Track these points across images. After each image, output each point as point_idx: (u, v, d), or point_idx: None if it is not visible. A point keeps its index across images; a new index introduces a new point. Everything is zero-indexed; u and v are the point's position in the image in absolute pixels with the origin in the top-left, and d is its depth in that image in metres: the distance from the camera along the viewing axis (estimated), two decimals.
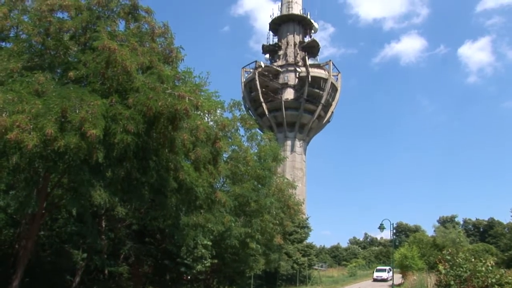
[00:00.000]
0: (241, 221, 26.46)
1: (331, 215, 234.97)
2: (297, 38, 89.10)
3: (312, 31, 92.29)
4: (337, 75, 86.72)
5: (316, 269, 69.94)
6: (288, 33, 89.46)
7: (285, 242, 45.15)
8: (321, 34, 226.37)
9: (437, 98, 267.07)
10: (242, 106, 30.65)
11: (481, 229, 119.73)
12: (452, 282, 21.33)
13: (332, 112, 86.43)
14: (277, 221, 30.98)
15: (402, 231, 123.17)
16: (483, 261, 21.90)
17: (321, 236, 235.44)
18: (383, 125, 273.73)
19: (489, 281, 20.35)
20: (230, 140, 26.72)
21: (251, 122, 29.17)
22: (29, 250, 16.96)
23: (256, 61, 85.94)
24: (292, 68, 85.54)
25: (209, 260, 27.46)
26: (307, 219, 59.64)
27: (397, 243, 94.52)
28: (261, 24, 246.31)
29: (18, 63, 14.27)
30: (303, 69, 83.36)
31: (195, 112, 14.97)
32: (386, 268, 65.53)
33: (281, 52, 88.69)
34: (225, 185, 26.61)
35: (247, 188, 25.18)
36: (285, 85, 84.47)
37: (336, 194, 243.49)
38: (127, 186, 16.31)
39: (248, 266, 32.22)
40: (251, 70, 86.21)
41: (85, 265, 24.95)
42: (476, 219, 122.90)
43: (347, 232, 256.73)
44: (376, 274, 65.49)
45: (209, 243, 26.53)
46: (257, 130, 31.30)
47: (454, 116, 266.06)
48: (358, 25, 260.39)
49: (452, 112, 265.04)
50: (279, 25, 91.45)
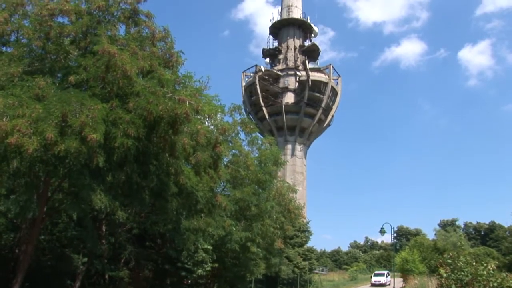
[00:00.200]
0: (242, 225, 26.42)
1: (332, 219, 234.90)
2: (297, 42, 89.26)
3: (312, 35, 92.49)
4: (337, 79, 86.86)
5: (317, 273, 69.95)
6: (288, 37, 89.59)
7: (286, 246, 45.14)
8: (321, 38, 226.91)
9: (437, 102, 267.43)
10: (243, 110, 30.68)
11: (482, 233, 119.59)
12: (454, 286, 21.23)
13: (333, 116, 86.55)
14: (278, 225, 30.95)
15: (403, 235, 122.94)
16: (485, 265, 21.81)
17: (322, 240, 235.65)
18: (384, 129, 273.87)
19: (491, 285, 20.24)
20: (231, 144, 26.70)
21: (252, 126, 29.16)
22: (29, 255, 16.92)
23: (256, 65, 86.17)
24: (292, 72, 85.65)
25: (210, 265, 27.40)
26: (308, 223, 59.70)
27: (398, 247, 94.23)
28: (261, 28, 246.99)
29: (19, 68, 14.27)
30: (303, 73, 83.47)
31: (196, 116, 14.96)
32: (385, 273, 64.83)
33: (281, 56, 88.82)
34: (226, 189, 26.59)
35: (248, 192, 25.12)
36: (286, 89, 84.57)
37: (337, 198, 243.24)
38: (128, 191, 16.29)
39: (249, 271, 32.15)
40: (251, 74, 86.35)
41: (86, 270, 24.88)
42: (477, 223, 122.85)
43: (348, 236, 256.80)
44: (374, 279, 63.35)
45: (210, 247, 26.48)
46: (258, 134, 31.32)
47: (455, 120, 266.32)
48: (358, 29, 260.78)
49: (453, 116, 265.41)
50: (279, 29, 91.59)
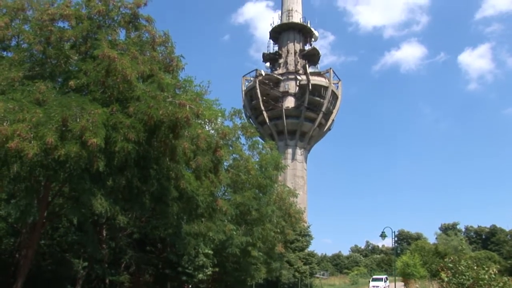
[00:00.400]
0: (242, 230, 26.40)
1: (333, 223, 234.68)
2: (298, 46, 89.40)
3: (312, 39, 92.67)
4: (338, 83, 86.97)
5: (318, 278, 69.81)
6: (289, 42, 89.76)
7: (287, 251, 45.12)
8: (321, 42, 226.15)
9: (438, 106, 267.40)
10: (243, 115, 30.69)
11: (483, 236, 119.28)
12: None
13: (333, 120, 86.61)
14: (279, 230, 30.96)
15: (404, 239, 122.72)
16: (486, 269, 21.82)
17: (323, 244, 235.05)
18: (384, 133, 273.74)
19: None
20: (231, 149, 26.69)
21: (252, 131, 29.15)
22: (30, 259, 16.90)
23: (257, 70, 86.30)
24: (293, 76, 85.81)
25: (210, 269, 27.38)
26: (309, 227, 59.68)
27: (399, 251, 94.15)
28: (261, 33, 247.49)
29: (19, 72, 14.28)
30: (304, 77, 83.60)
31: (196, 121, 14.96)
32: (383, 277, 64.17)
33: (282, 61, 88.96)
34: (226, 194, 26.57)
35: (248, 197, 25.11)
36: (286, 93, 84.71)
37: (337, 202, 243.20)
38: (128, 195, 16.28)
39: (250, 275, 32.12)
40: (252, 79, 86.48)
41: (86, 274, 24.88)
42: (478, 226, 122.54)
43: (349, 240, 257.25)
44: (372, 284, 60.62)
45: (210, 252, 26.46)
46: (258, 139, 31.33)
47: (455, 123, 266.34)
48: (358, 33, 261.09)
49: (453, 119, 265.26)
50: (280, 34, 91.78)
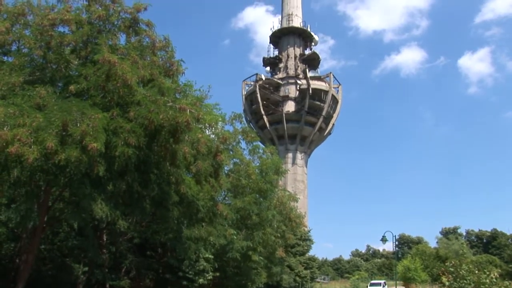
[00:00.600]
0: (243, 234, 26.37)
1: (333, 227, 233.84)
2: (298, 51, 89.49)
3: (313, 44, 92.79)
4: (338, 87, 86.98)
5: (319, 282, 69.64)
6: (289, 46, 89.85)
7: (287, 255, 44.98)
8: (321, 47, 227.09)
9: (438, 109, 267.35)
10: (243, 119, 30.76)
11: (484, 240, 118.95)
12: None
13: (333, 124, 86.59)
14: (279, 234, 30.90)
15: (405, 243, 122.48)
16: (487, 273, 21.76)
17: (323, 249, 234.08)
18: (384, 137, 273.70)
19: None
20: (232, 153, 26.73)
21: (253, 135, 29.18)
22: (30, 264, 16.87)
23: (257, 74, 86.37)
24: (293, 81, 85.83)
25: (211, 274, 27.31)
26: (309, 232, 59.55)
27: (400, 255, 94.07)
28: (262, 37, 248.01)
29: (20, 77, 14.30)
30: (304, 82, 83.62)
31: (196, 125, 14.96)
32: (381, 282, 63.70)
33: (282, 65, 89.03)
34: (227, 198, 26.56)
35: (249, 201, 25.11)
36: (286, 98, 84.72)
37: (338, 206, 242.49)
38: (129, 200, 16.28)
39: (250, 279, 32.02)
40: (252, 83, 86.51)
41: (86, 279, 24.82)
42: (479, 230, 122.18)
43: (349, 244, 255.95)
44: None
45: (211, 257, 26.41)
46: (259, 143, 31.33)
47: (455, 127, 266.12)
48: (358, 37, 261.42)
49: (453, 123, 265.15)
50: (280, 38, 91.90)
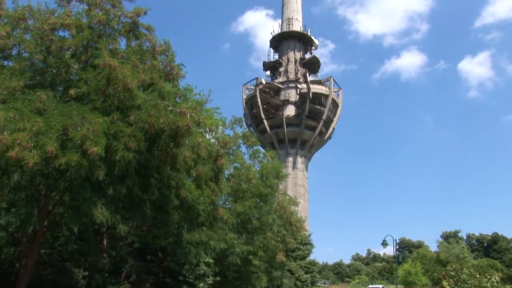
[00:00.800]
0: (243, 239, 26.32)
1: (334, 231, 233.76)
2: (298, 55, 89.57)
3: (313, 48, 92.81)
4: (338, 91, 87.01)
5: (319, 286, 69.54)
6: (289, 50, 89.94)
7: (288, 259, 44.89)
8: (321, 51, 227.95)
9: (438, 113, 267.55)
10: (244, 123, 30.76)
11: (485, 244, 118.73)
12: None
13: (334, 128, 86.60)
14: (280, 238, 30.85)
15: (405, 247, 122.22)
16: (488, 277, 21.73)
17: (324, 253, 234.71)
18: (385, 141, 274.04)
19: None
20: (232, 158, 26.71)
21: (253, 139, 29.17)
22: (30, 269, 16.83)
23: (257, 78, 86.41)
24: (293, 85, 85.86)
25: (211, 278, 27.26)
26: (310, 236, 59.47)
27: (401, 259, 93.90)
28: (262, 41, 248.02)
29: (20, 81, 14.30)
30: (304, 86, 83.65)
31: (197, 129, 14.96)
32: (379, 287, 63.74)
33: (282, 69, 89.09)
34: (227, 203, 26.53)
35: (249, 206, 25.08)
36: (286, 102, 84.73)
37: (338, 210, 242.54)
38: (129, 204, 16.25)
39: (251, 284, 31.95)
40: (252, 87, 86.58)
41: (86, 284, 24.75)
42: (480, 234, 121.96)
43: (350, 249, 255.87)
44: None
45: (211, 261, 26.36)
46: (259, 148, 31.35)
47: (455, 131, 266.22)
48: (358, 41, 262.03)
49: (454, 127, 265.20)
50: (280, 42, 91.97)
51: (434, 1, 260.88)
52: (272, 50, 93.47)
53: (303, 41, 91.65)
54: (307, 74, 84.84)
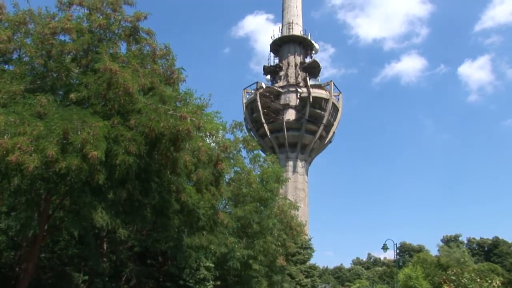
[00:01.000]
0: (244, 243, 26.29)
1: (334, 236, 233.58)
2: (298, 59, 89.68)
3: (313, 52, 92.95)
4: (338, 95, 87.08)
5: None
6: (289, 54, 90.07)
7: (288, 264, 44.79)
8: (322, 55, 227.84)
9: (438, 117, 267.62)
10: (244, 127, 30.75)
11: (486, 248, 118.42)
12: None
13: (334, 133, 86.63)
14: (280, 243, 30.79)
15: (406, 251, 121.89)
16: (489, 281, 21.69)
17: (324, 257, 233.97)
18: (385, 145, 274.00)
19: None
20: (232, 162, 26.69)
21: (254, 144, 29.14)
22: (30, 273, 16.82)
23: (257, 82, 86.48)
24: (293, 89, 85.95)
25: (212, 282, 27.22)
26: (310, 240, 59.35)
27: (401, 263, 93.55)
28: (262, 46, 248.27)
29: (21, 86, 14.31)
30: (304, 90, 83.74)
31: (197, 134, 14.95)
32: None
33: (282, 73, 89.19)
34: (227, 207, 26.50)
35: (249, 210, 25.06)
36: (287, 106, 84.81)
37: (339, 214, 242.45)
38: (129, 208, 16.24)
39: None
40: (252, 91, 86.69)
41: None
42: (481, 238, 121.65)
43: (350, 253, 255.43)
44: None
45: (212, 265, 26.33)
46: (260, 152, 31.32)
47: (456, 135, 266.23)
48: (358, 46, 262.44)
49: (454, 131, 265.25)
50: (280, 46, 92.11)
51: (434, 5, 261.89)
52: (273, 54, 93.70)
53: (303, 45, 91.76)
54: (308, 78, 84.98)
